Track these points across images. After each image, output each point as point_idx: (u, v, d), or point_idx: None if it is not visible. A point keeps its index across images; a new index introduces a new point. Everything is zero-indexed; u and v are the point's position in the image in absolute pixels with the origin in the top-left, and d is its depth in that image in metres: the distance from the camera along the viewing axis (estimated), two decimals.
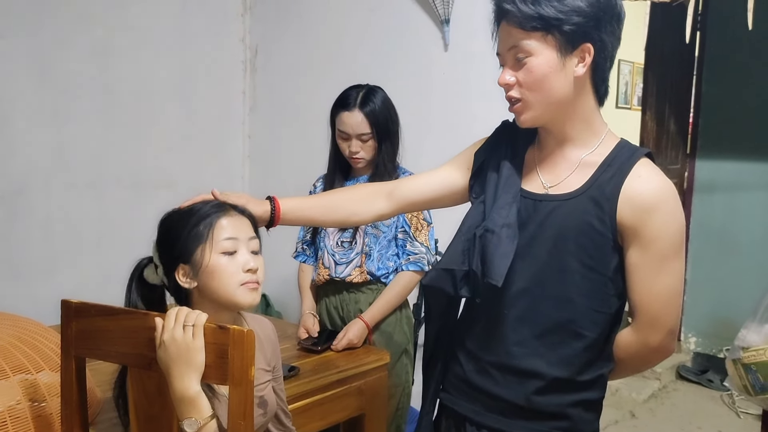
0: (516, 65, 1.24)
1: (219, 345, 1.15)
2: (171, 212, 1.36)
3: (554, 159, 1.32)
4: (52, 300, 2.65)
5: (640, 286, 1.26)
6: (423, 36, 2.77)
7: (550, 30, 1.20)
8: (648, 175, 1.24)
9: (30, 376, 1.40)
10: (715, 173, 4.20)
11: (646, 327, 1.29)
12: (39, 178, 2.74)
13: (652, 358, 1.37)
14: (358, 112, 2.09)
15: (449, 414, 1.42)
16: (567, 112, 1.27)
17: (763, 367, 2.12)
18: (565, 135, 1.31)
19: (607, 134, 1.31)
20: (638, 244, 1.23)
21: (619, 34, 1.26)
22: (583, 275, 1.25)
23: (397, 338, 2.15)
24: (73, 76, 2.80)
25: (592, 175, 1.26)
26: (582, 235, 1.24)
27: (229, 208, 1.33)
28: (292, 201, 1.51)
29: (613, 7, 1.23)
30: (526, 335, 1.29)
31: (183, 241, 1.29)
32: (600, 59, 1.24)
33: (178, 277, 1.30)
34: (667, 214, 1.23)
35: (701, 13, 4.07)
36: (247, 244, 1.32)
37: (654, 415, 3.60)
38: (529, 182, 1.33)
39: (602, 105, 1.32)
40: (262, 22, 3.40)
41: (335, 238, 2.18)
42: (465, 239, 1.32)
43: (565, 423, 1.30)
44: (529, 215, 1.29)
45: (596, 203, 1.24)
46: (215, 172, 3.36)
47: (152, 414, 1.23)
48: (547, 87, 1.23)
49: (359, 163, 2.15)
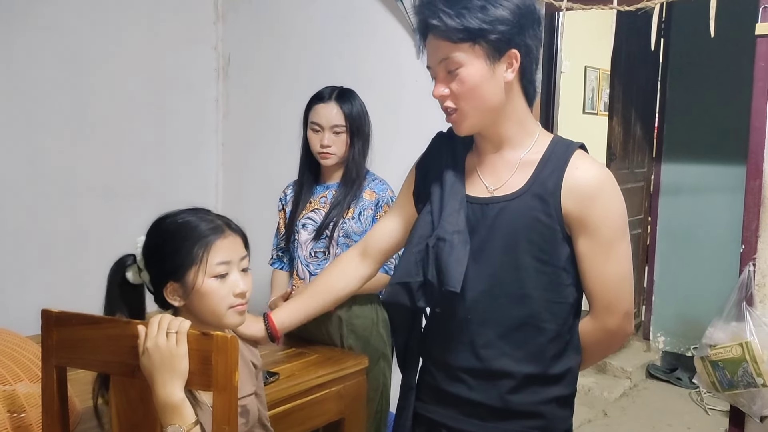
0: (447, 77, 1.29)
1: (202, 351, 1.16)
2: (165, 219, 1.34)
3: (494, 162, 1.37)
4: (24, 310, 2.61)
5: (591, 273, 1.31)
6: (395, 43, 2.80)
7: (477, 40, 1.24)
8: (585, 166, 1.30)
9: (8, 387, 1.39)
10: (680, 176, 4.29)
11: (602, 312, 1.35)
12: (10, 188, 2.71)
13: (612, 342, 1.43)
14: (334, 103, 2.13)
15: (423, 421, 1.44)
16: (501, 116, 1.32)
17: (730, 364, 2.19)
18: (501, 138, 1.35)
19: (540, 133, 1.36)
20: (585, 233, 1.29)
21: (541, 36, 1.33)
22: (538, 269, 1.30)
23: (374, 342, 2.16)
24: (43, 84, 2.77)
25: (532, 173, 1.31)
26: (531, 231, 1.29)
27: (224, 227, 1.33)
28: (284, 311, 1.57)
29: (533, 12, 1.29)
30: (491, 336, 1.32)
31: (176, 259, 1.28)
32: (526, 62, 1.30)
33: (166, 293, 1.30)
34: (608, 200, 1.29)
35: (664, 20, 4.18)
36: (238, 264, 1.32)
37: (625, 413, 3.68)
38: (472, 187, 1.37)
39: (532, 105, 1.37)
40: (234, 30, 3.40)
41: (308, 248, 2.19)
42: (416, 250, 1.34)
43: (540, 421, 1.34)
44: (477, 219, 1.33)
45: (541, 199, 1.29)
46: (189, 180, 3.34)
47: (135, 422, 1.23)
48: (479, 95, 1.28)
49: (329, 158, 2.14)
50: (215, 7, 3.40)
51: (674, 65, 4.29)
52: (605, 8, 2.45)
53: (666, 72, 4.33)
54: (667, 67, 4.32)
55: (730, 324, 2.20)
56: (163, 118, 3.22)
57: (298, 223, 2.20)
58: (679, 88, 4.28)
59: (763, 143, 2.12)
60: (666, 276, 4.36)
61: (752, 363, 2.12)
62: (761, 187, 2.16)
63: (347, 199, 2.13)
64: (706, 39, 2.22)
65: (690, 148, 4.21)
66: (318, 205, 2.20)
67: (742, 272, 2.19)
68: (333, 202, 2.15)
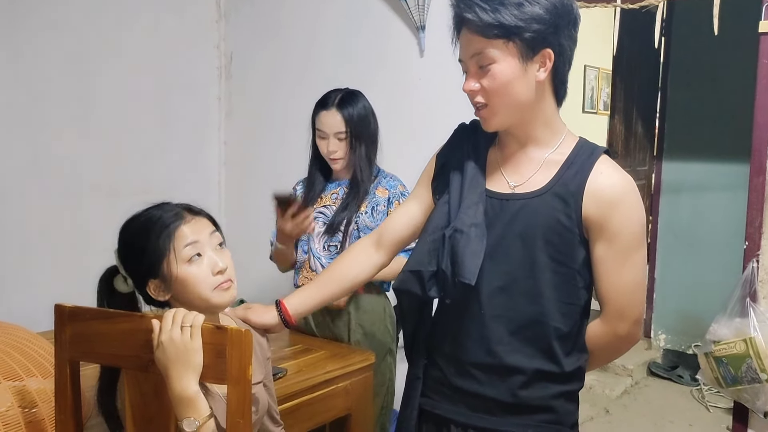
0: (479, 72, 1.28)
1: (216, 345, 1.17)
2: (130, 221, 1.34)
3: (517, 159, 1.36)
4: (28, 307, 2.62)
5: (606, 279, 1.31)
6: (398, 42, 2.81)
7: (511, 37, 1.23)
8: (609, 172, 1.30)
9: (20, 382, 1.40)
10: (681, 175, 4.31)
11: (614, 318, 1.35)
12: (15, 186, 2.71)
13: (621, 347, 1.43)
14: (336, 111, 2.13)
15: (429, 418, 1.44)
16: (530, 115, 1.32)
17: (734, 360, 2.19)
18: (527, 136, 1.35)
19: (566, 134, 1.36)
20: (603, 238, 1.29)
21: (576, 37, 1.31)
22: (553, 269, 1.30)
23: (380, 338, 2.17)
24: (47, 83, 2.77)
25: (556, 173, 1.31)
26: (550, 231, 1.29)
27: (184, 213, 1.32)
28: (296, 297, 1.55)
29: (569, 13, 1.27)
30: (503, 332, 1.32)
31: (146, 256, 1.28)
32: (559, 63, 1.29)
33: (150, 291, 1.31)
34: (629, 207, 1.30)
35: (665, 19, 4.19)
36: (209, 242, 1.32)
37: (627, 411, 3.69)
38: (493, 182, 1.37)
39: (561, 106, 1.37)
40: (237, 29, 3.40)
41: (322, 242, 2.20)
42: (431, 240, 1.34)
43: (550, 415, 1.34)
44: (496, 214, 1.33)
45: (562, 199, 1.28)
46: (191, 179, 3.35)
47: (149, 415, 1.24)
48: (510, 92, 1.27)
49: (337, 163, 2.18)
50: (218, 5, 3.41)
51: (675, 63, 4.30)
52: (609, 6, 2.45)
53: (667, 70, 4.34)
54: (668, 65, 4.33)
55: (733, 320, 2.20)
56: (166, 117, 3.22)
57: None
58: (680, 86, 4.29)
59: (767, 140, 2.13)
60: (667, 274, 4.37)
61: (756, 359, 2.12)
62: (764, 184, 2.16)
63: (356, 200, 2.15)
64: (707, 36, 2.23)
65: (691, 145, 4.22)
66: (329, 200, 2.21)
67: (746, 269, 2.20)
68: (343, 202, 2.17)
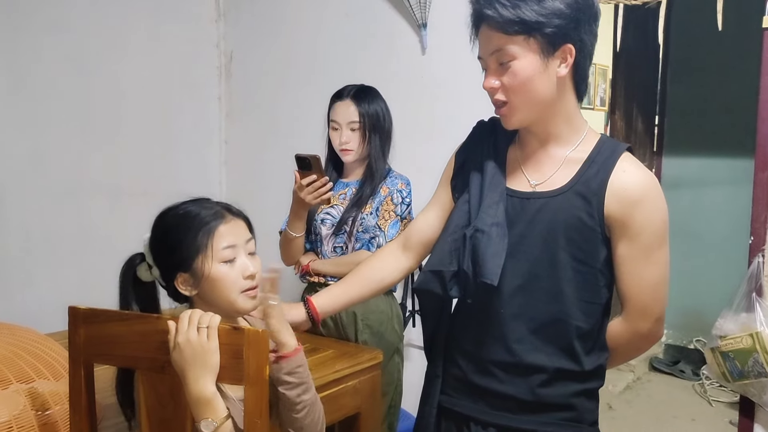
0: (499, 69, 1.26)
1: (233, 346, 1.16)
2: (167, 212, 1.34)
3: (538, 157, 1.35)
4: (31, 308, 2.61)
5: (628, 277, 1.30)
6: (400, 40, 2.80)
7: (532, 33, 1.21)
8: (632, 169, 1.28)
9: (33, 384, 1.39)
10: (681, 170, 4.32)
11: (636, 316, 1.34)
12: (16, 187, 2.70)
13: (642, 345, 1.42)
14: (350, 101, 2.16)
15: (448, 415, 1.43)
16: (550, 111, 1.30)
17: (740, 354, 2.20)
18: (548, 134, 1.33)
19: (588, 131, 1.34)
20: (626, 236, 1.27)
21: (597, 31, 1.29)
22: (575, 268, 1.28)
23: (388, 337, 2.17)
24: (47, 82, 2.76)
25: (577, 171, 1.29)
26: (572, 230, 1.27)
27: (225, 212, 1.33)
28: (324, 296, 1.54)
29: (591, 7, 1.26)
30: (523, 331, 1.31)
31: (182, 249, 1.28)
32: (581, 58, 1.27)
33: (178, 284, 1.30)
34: (652, 205, 1.28)
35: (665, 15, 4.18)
36: (244, 247, 1.32)
37: (630, 406, 3.70)
38: (514, 181, 1.35)
39: (581, 101, 1.35)
40: (236, 28, 3.39)
41: (331, 243, 2.21)
42: (452, 240, 1.33)
43: (570, 413, 1.34)
44: (517, 213, 1.31)
45: (584, 198, 1.27)
46: (192, 178, 3.33)
47: (164, 417, 1.23)
48: (531, 89, 1.25)
49: (348, 155, 2.18)
50: (217, 5, 3.40)
51: (675, 60, 4.31)
52: (611, 2, 2.45)
53: (667, 66, 4.35)
54: (668, 61, 4.34)
55: (740, 315, 2.21)
56: (166, 117, 3.21)
57: (317, 218, 2.21)
58: (679, 82, 4.30)
59: None
60: None
61: (763, 353, 2.13)
62: None
63: (367, 194, 2.15)
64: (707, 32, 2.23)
65: (691, 141, 4.24)
66: (337, 201, 2.21)
67: (751, 264, 2.20)
68: (353, 198, 2.17)
